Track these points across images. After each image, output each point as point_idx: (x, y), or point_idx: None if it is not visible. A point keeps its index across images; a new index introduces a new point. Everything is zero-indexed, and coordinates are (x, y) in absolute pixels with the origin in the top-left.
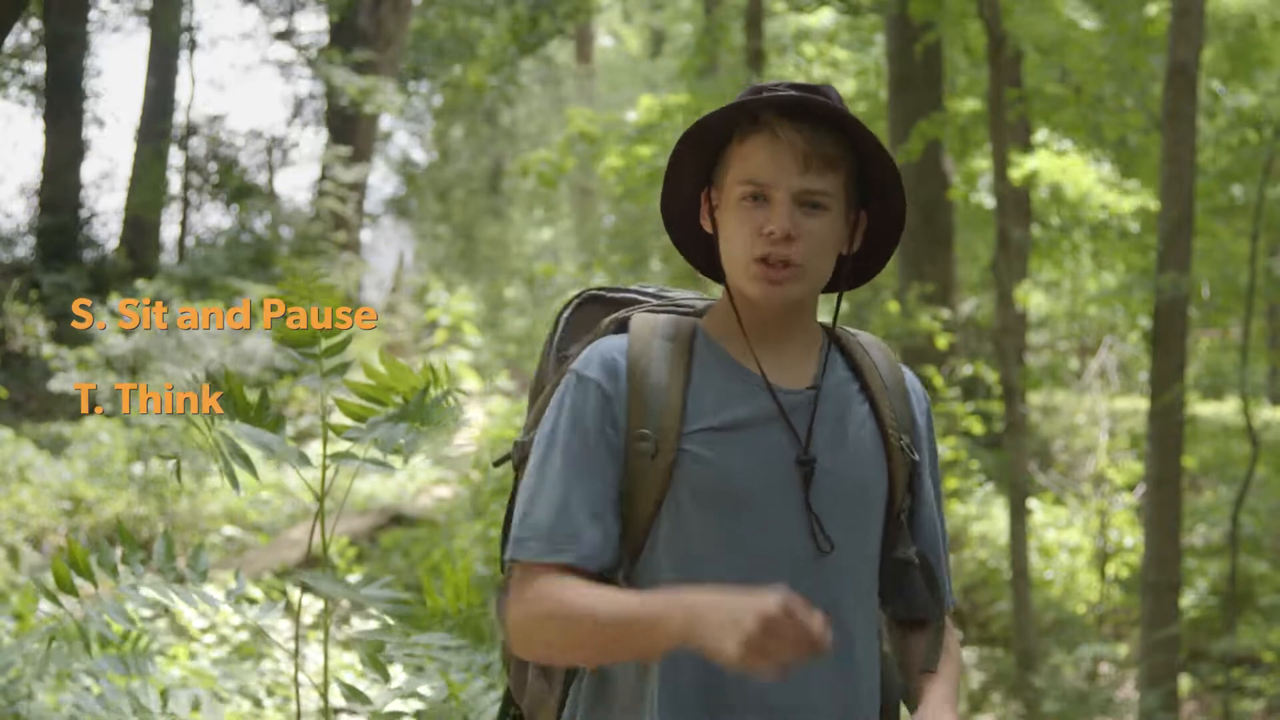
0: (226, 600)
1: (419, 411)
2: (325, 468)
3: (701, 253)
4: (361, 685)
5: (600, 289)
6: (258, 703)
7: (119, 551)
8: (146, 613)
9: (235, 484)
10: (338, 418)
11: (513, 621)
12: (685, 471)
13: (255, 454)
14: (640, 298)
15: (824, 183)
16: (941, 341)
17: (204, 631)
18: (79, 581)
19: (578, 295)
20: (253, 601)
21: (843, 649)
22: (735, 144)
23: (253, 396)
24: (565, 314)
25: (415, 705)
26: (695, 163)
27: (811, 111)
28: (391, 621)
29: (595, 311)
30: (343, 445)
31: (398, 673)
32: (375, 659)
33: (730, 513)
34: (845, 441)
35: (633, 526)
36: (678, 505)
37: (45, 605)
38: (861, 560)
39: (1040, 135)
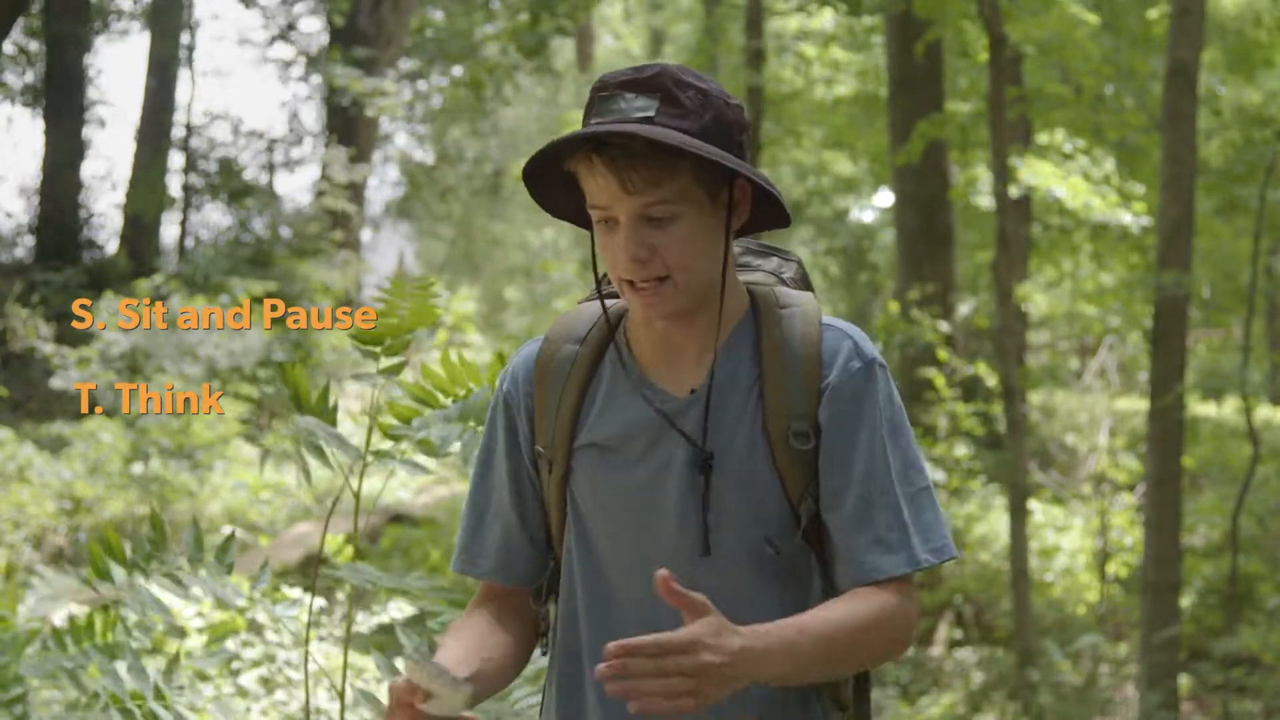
0: (251, 593)
1: (480, 409)
2: (366, 464)
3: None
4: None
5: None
6: (270, 684)
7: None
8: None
9: (309, 478)
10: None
11: None
12: (574, 490)
13: (254, 453)
14: None
15: (659, 193)
16: (942, 354)
17: (206, 628)
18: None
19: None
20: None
21: None
22: (574, 163)
23: (316, 391)
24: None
25: None
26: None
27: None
28: (430, 608)
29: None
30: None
31: None
32: (393, 668)
33: (615, 527)
34: (731, 440)
35: (553, 536)
36: (573, 522)
37: (28, 605)
38: (753, 559)
39: (1042, 138)
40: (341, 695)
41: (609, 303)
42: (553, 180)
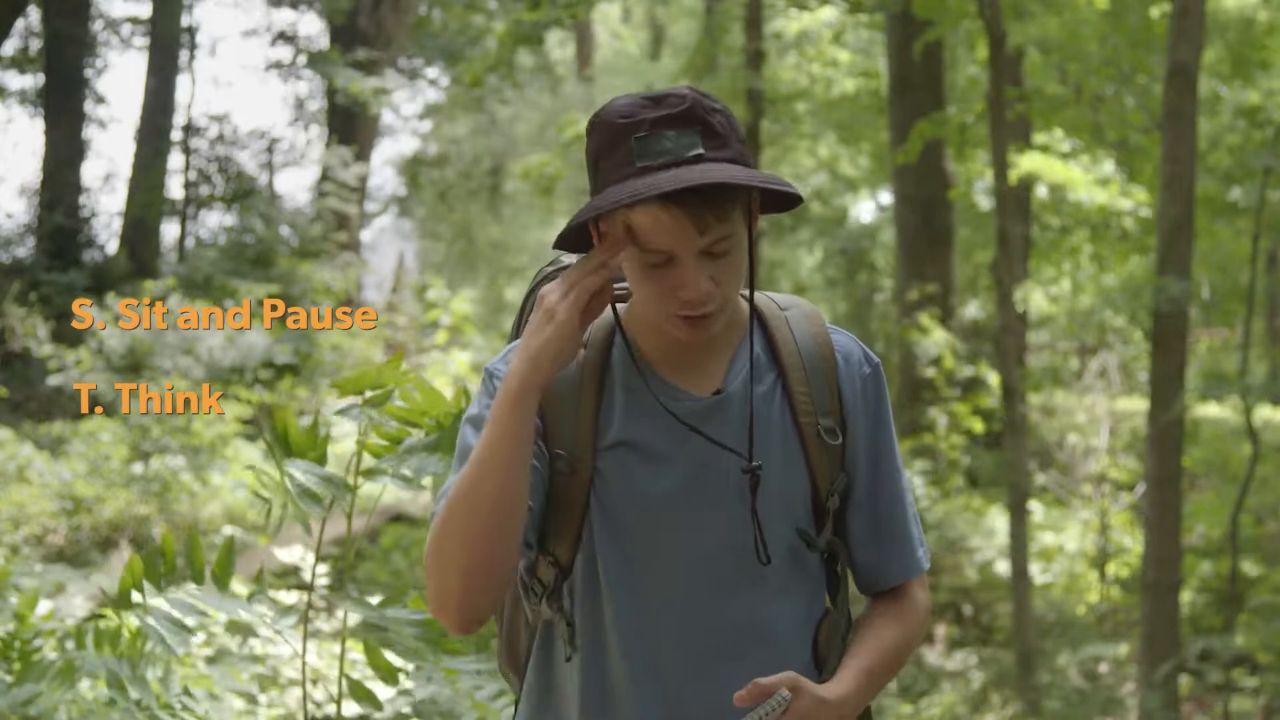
0: (251, 602)
1: (452, 442)
2: (356, 487)
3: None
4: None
5: (568, 265)
6: (265, 682)
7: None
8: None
9: (308, 528)
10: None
11: (426, 579)
12: (601, 491)
13: (254, 453)
14: None
15: (723, 228)
16: (948, 361)
17: (193, 631)
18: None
19: (545, 270)
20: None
21: (764, 645)
22: (625, 212)
23: (304, 429)
24: (533, 292)
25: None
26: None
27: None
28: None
29: None
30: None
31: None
32: (388, 666)
33: (653, 526)
34: (764, 439)
35: (561, 540)
36: (599, 523)
37: (44, 606)
38: (786, 554)
39: (1041, 138)
40: (339, 703)
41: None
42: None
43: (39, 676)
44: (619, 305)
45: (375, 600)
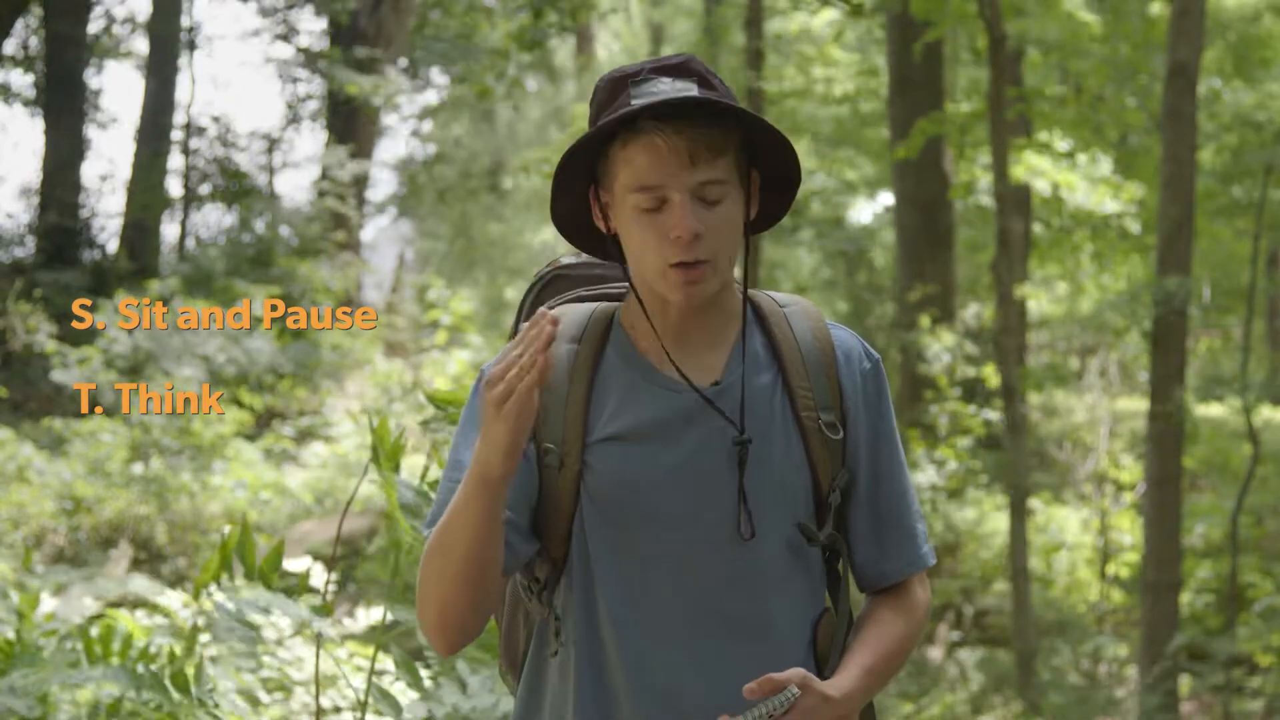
0: (291, 598)
1: None
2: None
3: (597, 245)
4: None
5: (566, 266)
6: (269, 684)
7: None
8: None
9: (401, 541)
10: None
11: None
12: (591, 484)
13: (254, 453)
14: (604, 272)
15: (715, 170)
16: (942, 379)
17: (202, 630)
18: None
19: (543, 273)
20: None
21: (761, 639)
22: (618, 147)
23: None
24: (532, 294)
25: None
26: (578, 167)
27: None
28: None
29: (563, 288)
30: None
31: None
32: (410, 666)
33: (646, 516)
34: (765, 430)
35: (552, 535)
36: (590, 516)
37: (46, 606)
38: (785, 547)
39: (1041, 136)
40: (364, 705)
41: (593, 309)
42: (563, 190)
43: (36, 664)
44: (615, 304)
45: (379, 605)
